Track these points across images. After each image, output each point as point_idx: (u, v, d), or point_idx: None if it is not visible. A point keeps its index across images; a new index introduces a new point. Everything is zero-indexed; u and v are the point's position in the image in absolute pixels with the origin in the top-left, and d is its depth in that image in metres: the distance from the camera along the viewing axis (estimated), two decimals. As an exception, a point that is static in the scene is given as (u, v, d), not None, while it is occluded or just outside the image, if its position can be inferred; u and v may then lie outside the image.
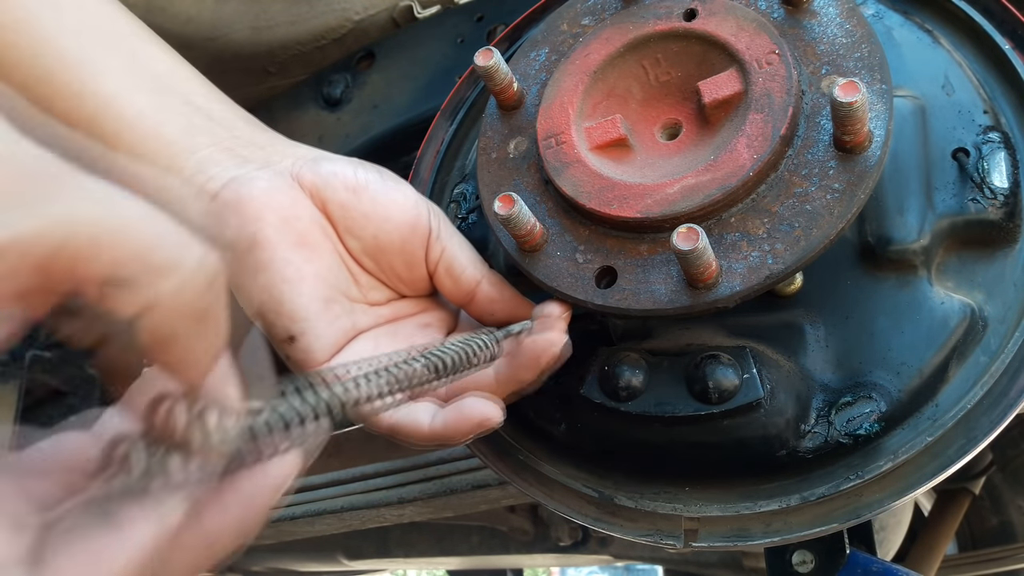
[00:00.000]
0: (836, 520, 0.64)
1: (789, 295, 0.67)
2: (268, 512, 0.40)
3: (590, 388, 0.68)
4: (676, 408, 0.65)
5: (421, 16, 1.26)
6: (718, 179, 0.60)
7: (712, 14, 0.67)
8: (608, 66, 0.70)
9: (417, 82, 1.19)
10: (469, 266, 0.70)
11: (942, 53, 0.70)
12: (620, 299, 0.62)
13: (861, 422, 0.63)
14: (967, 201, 0.65)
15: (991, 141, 0.65)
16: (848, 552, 0.82)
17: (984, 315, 0.64)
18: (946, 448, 0.63)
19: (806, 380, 0.65)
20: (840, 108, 0.55)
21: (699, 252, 0.56)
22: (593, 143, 0.68)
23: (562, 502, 0.72)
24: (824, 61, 0.63)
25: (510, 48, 0.88)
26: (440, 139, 0.90)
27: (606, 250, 0.65)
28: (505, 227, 0.65)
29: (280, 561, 2.37)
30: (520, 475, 0.75)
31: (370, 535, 2.19)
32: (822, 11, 0.65)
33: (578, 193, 0.65)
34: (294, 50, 1.31)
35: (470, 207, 0.83)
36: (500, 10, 1.15)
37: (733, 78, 0.64)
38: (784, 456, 0.65)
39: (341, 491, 1.35)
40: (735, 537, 0.66)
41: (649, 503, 0.69)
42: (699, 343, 0.68)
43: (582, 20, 0.75)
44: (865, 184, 0.58)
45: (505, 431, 0.76)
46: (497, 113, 0.75)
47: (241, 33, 1.25)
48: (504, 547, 2.12)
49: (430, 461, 1.27)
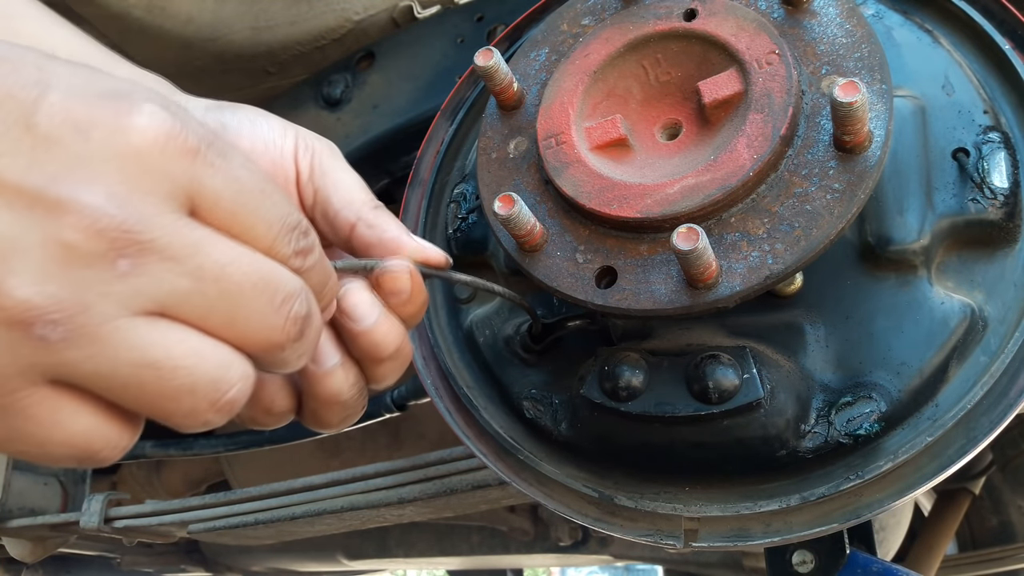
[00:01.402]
0: (836, 520, 0.64)
1: (789, 295, 0.67)
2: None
3: (590, 388, 0.68)
4: (676, 408, 0.65)
5: (421, 16, 1.26)
6: (718, 179, 0.60)
7: (712, 14, 0.67)
8: (608, 66, 0.70)
9: (417, 82, 1.19)
10: (342, 210, 0.63)
11: (942, 53, 0.70)
12: (620, 299, 0.62)
13: (861, 422, 0.63)
14: (967, 201, 0.65)
15: (991, 141, 0.65)
16: (848, 552, 0.82)
17: (984, 315, 0.64)
18: (946, 448, 0.63)
19: (806, 380, 0.66)
20: (840, 108, 0.55)
21: (699, 252, 0.56)
22: (593, 143, 0.68)
23: (562, 502, 0.72)
24: (824, 61, 0.63)
25: (510, 48, 0.88)
26: (440, 139, 0.90)
27: (606, 250, 0.65)
28: (505, 227, 0.65)
29: (280, 561, 2.37)
30: (520, 475, 0.75)
31: (370, 535, 2.19)
32: (822, 11, 0.65)
33: (578, 193, 0.65)
34: (294, 50, 1.32)
35: (470, 207, 0.83)
36: (500, 10, 1.16)
37: (733, 78, 0.64)
38: (784, 456, 0.65)
39: (341, 491, 1.35)
40: (735, 537, 0.66)
41: (649, 503, 0.69)
42: (699, 343, 0.68)
43: (582, 20, 0.75)
44: (865, 184, 0.58)
45: (505, 431, 0.76)
46: (497, 113, 0.75)
47: (241, 33, 1.25)
48: (504, 547, 2.12)
49: (430, 461, 1.27)
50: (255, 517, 1.45)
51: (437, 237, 0.86)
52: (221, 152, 0.44)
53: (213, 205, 0.44)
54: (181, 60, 1.26)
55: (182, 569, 2.52)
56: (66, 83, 0.40)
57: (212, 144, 0.44)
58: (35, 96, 0.39)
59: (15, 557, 1.89)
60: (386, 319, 0.60)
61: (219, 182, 0.44)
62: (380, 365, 0.61)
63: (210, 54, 1.26)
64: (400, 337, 0.62)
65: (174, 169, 0.42)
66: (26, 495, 1.83)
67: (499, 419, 0.77)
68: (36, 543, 1.87)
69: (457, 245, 0.83)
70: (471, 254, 0.82)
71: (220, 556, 2.43)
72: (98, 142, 0.39)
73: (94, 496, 1.67)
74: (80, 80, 0.41)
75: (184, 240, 0.42)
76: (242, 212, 0.45)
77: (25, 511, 1.80)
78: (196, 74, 1.31)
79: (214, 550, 2.41)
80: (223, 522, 1.49)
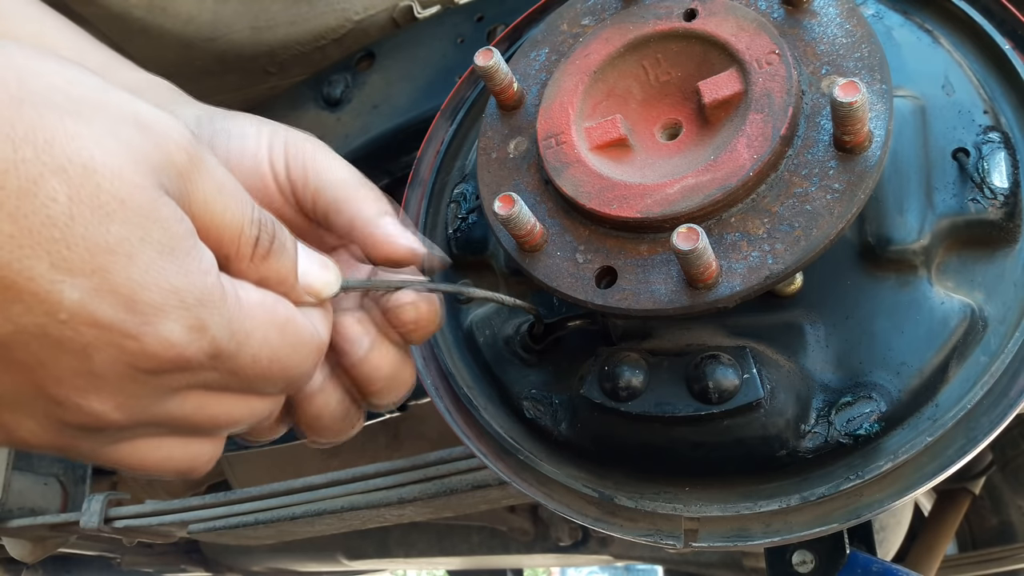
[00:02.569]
0: (836, 520, 0.64)
1: (789, 295, 0.67)
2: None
3: (590, 388, 0.68)
4: (676, 408, 0.65)
5: (421, 16, 1.26)
6: (718, 179, 0.60)
7: (712, 14, 0.67)
8: (608, 66, 0.70)
9: (417, 82, 1.20)
10: (321, 194, 0.63)
11: (942, 53, 0.70)
12: (620, 299, 0.62)
13: (861, 422, 0.63)
14: (967, 201, 0.65)
15: (991, 141, 0.65)
16: (848, 552, 0.82)
17: (984, 315, 0.64)
18: (946, 448, 0.63)
19: (806, 380, 0.66)
20: (840, 108, 0.55)
21: (699, 252, 0.56)
22: (593, 143, 0.68)
23: (562, 502, 0.72)
24: (824, 61, 0.63)
25: (510, 48, 0.88)
26: (440, 139, 0.90)
27: (606, 250, 0.65)
28: (505, 227, 0.65)
29: (280, 561, 2.37)
30: (520, 475, 0.75)
31: (370, 535, 2.19)
32: (822, 11, 0.65)
33: (578, 193, 0.65)
34: (294, 50, 1.32)
35: (470, 207, 0.83)
36: (500, 10, 1.16)
37: (733, 78, 0.64)
38: (784, 456, 0.65)
39: (341, 491, 1.35)
40: (735, 537, 0.66)
41: (649, 503, 0.69)
42: (699, 343, 0.68)
43: (582, 20, 0.75)
44: (865, 184, 0.58)
45: (505, 431, 0.76)
46: (497, 113, 0.75)
47: (241, 33, 1.25)
48: (504, 547, 2.12)
49: (430, 461, 1.27)
50: (255, 517, 1.45)
51: (437, 237, 0.86)
52: (228, 356, 0.49)
53: (207, 388, 0.50)
54: (181, 60, 1.27)
55: (182, 569, 2.52)
56: (82, 287, 0.41)
57: (219, 355, 0.48)
58: (48, 307, 0.41)
59: (15, 557, 1.89)
60: (377, 349, 0.61)
61: (214, 379, 0.49)
62: (374, 391, 0.63)
63: (210, 54, 1.26)
64: (393, 365, 0.62)
65: (171, 381, 0.47)
66: (26, 495, 1.83)
67: (499, 419, 0.77)
68: (36, 543, 1.87)
69: (457, 245, 0.83)
70: (471, 254, 0.82)
71: (220, 556, 2.43)
72: (103, 362, 0.43)
73: (94, 496, 1.67)
74: (96, 282, 0.42)
75: (167, 415, 0.50)
76: (234, 390, 0.52)
77: (25, 511, 1.80)
78: (196, 74, 1.31)
79: (214, 550, 2.41)
80: (223, 522, 1.49)
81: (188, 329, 0.45)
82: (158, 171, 0.44)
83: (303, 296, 0.56)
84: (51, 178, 0.39)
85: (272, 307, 0.52)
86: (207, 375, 0.49)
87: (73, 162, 0.40)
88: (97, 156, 0.41)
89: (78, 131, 0.41)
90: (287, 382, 0.54)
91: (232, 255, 0.50)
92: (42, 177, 0.39)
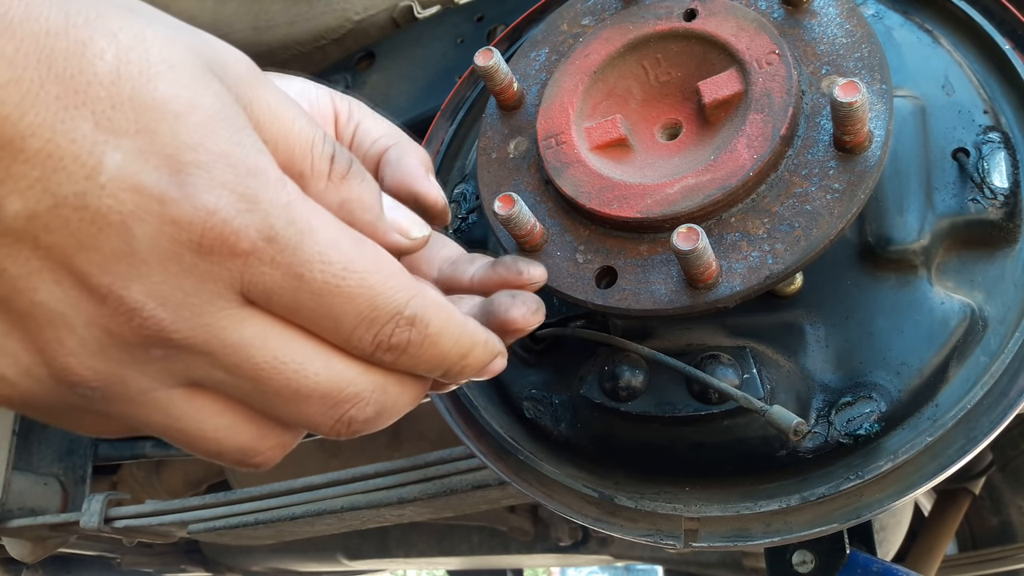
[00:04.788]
0: (836, 520, 0.64)
1: (789, 295, 0.67)
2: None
3: (590, 388, 0.68)
4: (676, 408, 0.65)
5: (421, 16, 1.26)
6: (718, 179, 0.60)
7: (712, 14, 0.67)
8: (608, 66, 0.70)
9: (417, 82, 1.19)
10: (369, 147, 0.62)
11: (942, 53, 0.70)
12: (620, 299, 0.62)
13: (861, 422, 0.63)
14: (967, 201, 0.65)
15: (991, 141, 0.65)
16: (848, 552, 0.82)
17: (984, 315, 0.64)
18: (946, 448, 0.63)
19: (806, 380, 0.66)
20: (840, 108, 0.55)
21: (699, 252, 0.56)
22: (593, 143, 0.68)
23: (562, 502, 0.72)
24: (824, 61, 0.63)
25: (510, 48, 0.88)
26: (440, 139, 0.90)
27: (606, 250, 0.65)
28: (505, 227, 0.65)
29: (280, 561, 2.37)
30: (520, 475, 0.75)
31: (370, 535, 2.19)
32: (822, 11, 0.65)
33: (578, 193, 0.65)
34: (294, 50, 1.32)
35: (470, 207, 0.83)
36: (500, 10, 1.16)
37: (733, 78, 0.64)
38: (784, 456, 0.65)
39: (341, 491, 1.35)
40: (735, 537, 0.66)
41: (649, 503, 0.69)
42: (699, 343, 0.68)
43: (582, 20, 0.75)
44: (865, 184, 0.58)
45: (505, 431, 0.76)
46: (497, 113, 0.75)
47: (241, 33, 1.25)
48: (504, 547, 2.12)
49: (430, 461, 1.27)
50: (255, 517, 1.45)
51: (437, 237, 0.87)
52: (286, 246, 0.41)
53: (267, 302, 0.43)
54: (181, 60, 1.26)
55: (182, 569, 2.52)
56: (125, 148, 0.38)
57: (274, 239, 0.41)
58: (89, 170, 0.38)
59: (15, 557, 1.89)
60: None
61: (273, 282, 0.42)
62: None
63: (210, 54, 1.26)
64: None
65: (221, 271, 0.41)
66: (26, 495, 1.83)
67: (499, 419, 0.77)
68: (36, 543, 1.87)
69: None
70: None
71: (220, 556, 2.43)
72: (145, 238, 0.39)
73: (94, 496, 1.67)
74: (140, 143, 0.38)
75: (222, 341, 0.42)
76: (304, 310, 0.43)
77: (25, 511, 1.80)
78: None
79: (214, 550, 2.41)
80: (223, 522, 1.49)
81: (236, 197, 0.40)
82: (217, 72, 0.42)
83: (391, 233, 0.50)
84: (100, 40, 0.38)
85: (346, 227, 0.44)
86: (266, 272, 0.41)
87: (124, 30, 0.39)
88: (149, 34, 0.40)
89: (134, 20, 0.40)
90: (373, 309, 0.44)
91: (307, 172, 0.45)
92: (91, 39, 0.38)
